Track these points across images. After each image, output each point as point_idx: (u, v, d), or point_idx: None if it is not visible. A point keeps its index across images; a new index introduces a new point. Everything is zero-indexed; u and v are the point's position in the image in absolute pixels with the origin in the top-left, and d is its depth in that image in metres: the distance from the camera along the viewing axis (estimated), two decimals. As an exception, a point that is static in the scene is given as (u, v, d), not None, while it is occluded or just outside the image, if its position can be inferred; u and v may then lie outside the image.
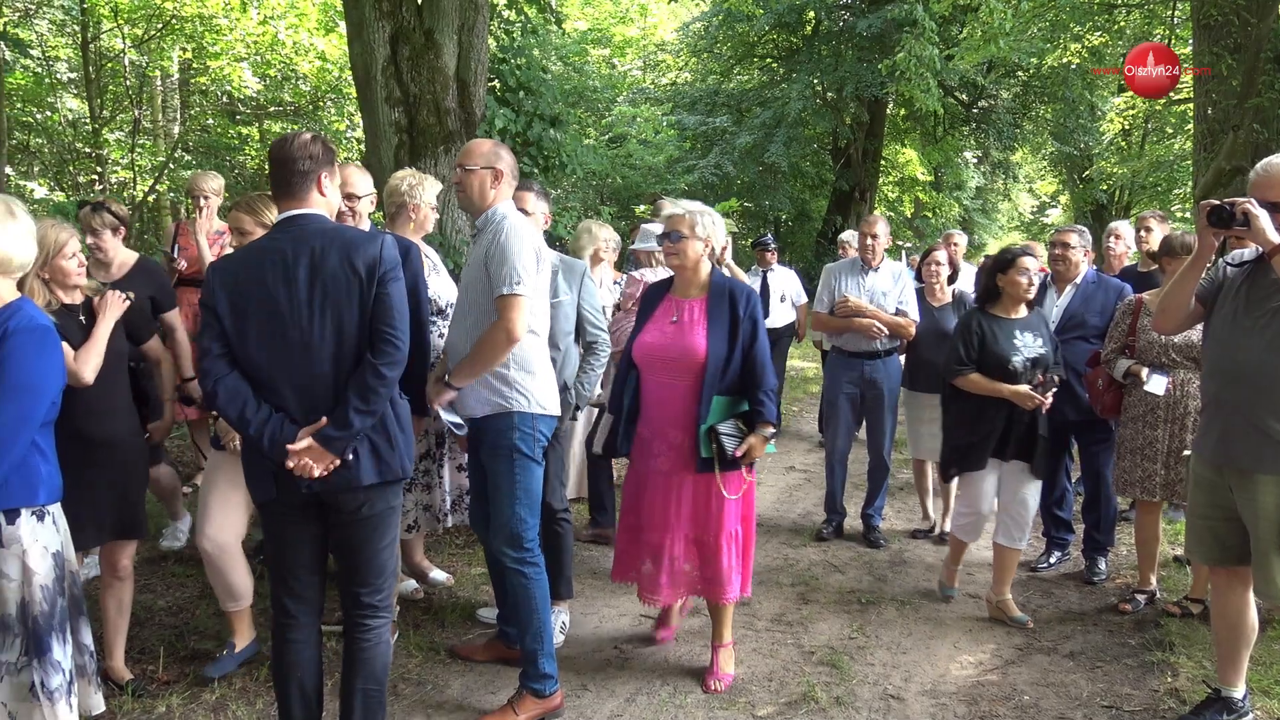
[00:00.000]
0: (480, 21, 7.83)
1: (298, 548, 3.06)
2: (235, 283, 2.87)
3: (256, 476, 3.00)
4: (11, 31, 12.65)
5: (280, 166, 2.95)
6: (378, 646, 3.10)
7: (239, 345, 2.87)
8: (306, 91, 16.74)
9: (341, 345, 2.85)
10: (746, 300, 3.85)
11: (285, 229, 2.91)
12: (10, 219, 2.77)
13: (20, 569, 2.73)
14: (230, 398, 2.86)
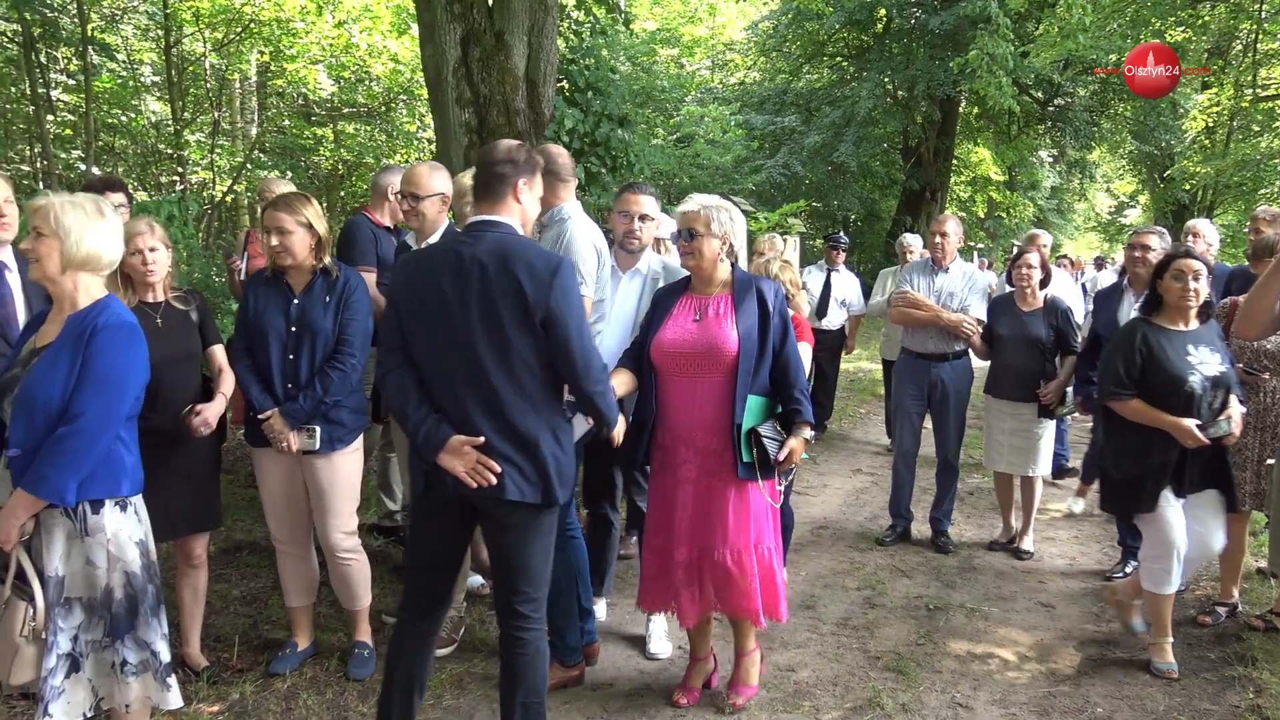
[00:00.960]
0: (550, 23, 7.88)
1: (436, 544, 3.11)
2: (415, 280, 2.94)
3: (413, 470, 3.09)
4: (99, 37, 13.09)
5: (482, 170, 3.01)
6: (535, 658, 3.08)
7: (411, 341, 2.94)
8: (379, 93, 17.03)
9: (503, 358, 2.85)
10: (775, 295, 3.60)
11: (473, 233, 2.95)
12: (100, 218, 2.85)
13: (106, 557, 2.82)
14: (395, 391, 2.95)
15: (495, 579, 3.11)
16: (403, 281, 2.98)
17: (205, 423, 3.64)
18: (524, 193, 3.02)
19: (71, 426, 2.68)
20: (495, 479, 2.88)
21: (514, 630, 3.08)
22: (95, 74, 13.28)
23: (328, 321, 3.75)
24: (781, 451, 3.54)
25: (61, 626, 2.78)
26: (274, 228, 3.70)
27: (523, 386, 2.89)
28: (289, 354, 3.74)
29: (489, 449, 2.88)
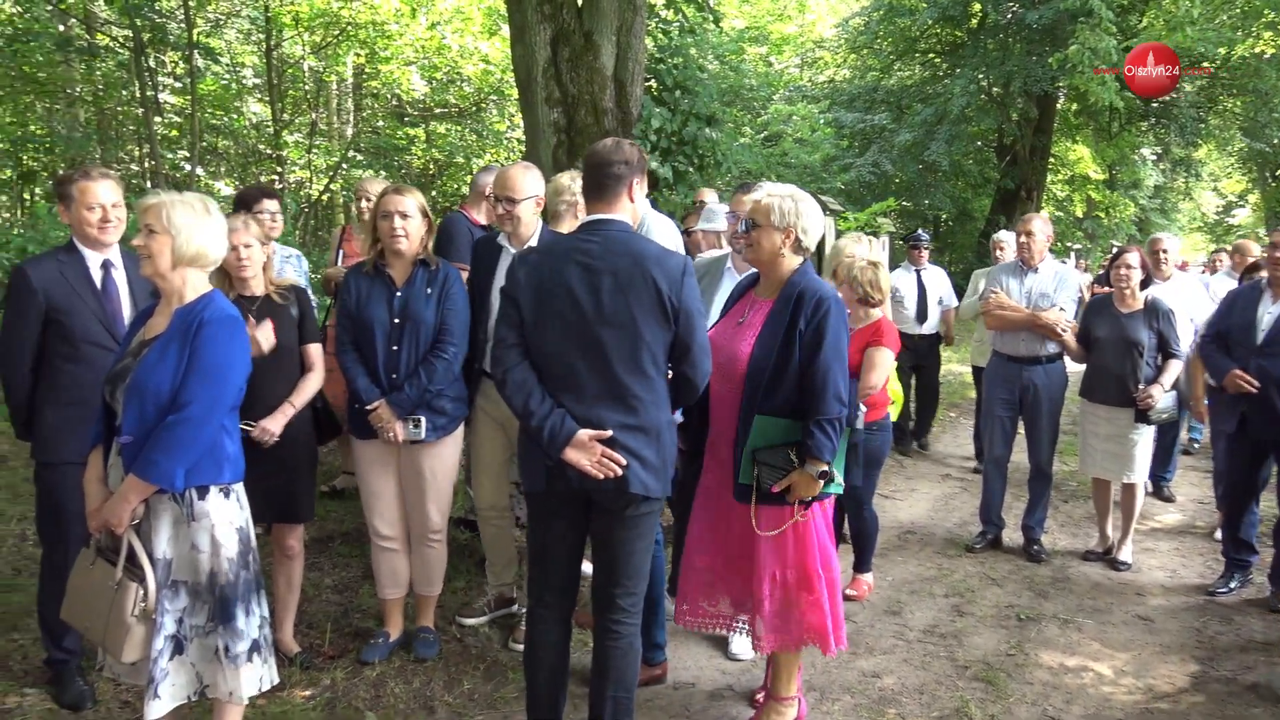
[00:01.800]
0: (638, 22, 7.90)
1: (559, 540, 3.14)
2: (540, 278, 2.97)
3: (530, 467, 3.10)
4: (204, 41, 13.55)
5: (596, 170, 3.03)
6: (629, 653, 3.13)
7: (534, 338, 2.97)
8: (470, 93, 17.30)
9: (632, 353, 2.91)
10: (814, 308, 3.21)
11: (593, 231, 3.00)
12: (208, 216, 2.96)
13: (210, 542, 2.92)
14: (517, 388, 2.97)
15: (598, 573, 3.15)
16: (523, 280, 3.00)
17: (265, 431, 3.72)
18: (636, 191, 3.08)
19: (180, 415, 2.79)
20: (621, 471, 2.93)
21: (611, 624, 3.12)
22: (200, 77, 13.76)
23: (430, 313, 3.84)
24: (779, 483, 3.24)
25: (168, 608, 2.89)
26: (396, 211, 3.80)
27: (649, 380, 2.96)
28: (392, 345, 3.85)
29: (614, 442, 2.94)
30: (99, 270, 3.62)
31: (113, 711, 3.64)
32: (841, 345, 3.23)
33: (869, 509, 4.95)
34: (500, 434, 4.20)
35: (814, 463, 3.20)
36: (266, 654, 3.07)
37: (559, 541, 3.15)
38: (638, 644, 3.19)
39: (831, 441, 3.20)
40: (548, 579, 3.19)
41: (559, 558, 3.17)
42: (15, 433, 3.72)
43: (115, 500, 2.84)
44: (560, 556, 3.17)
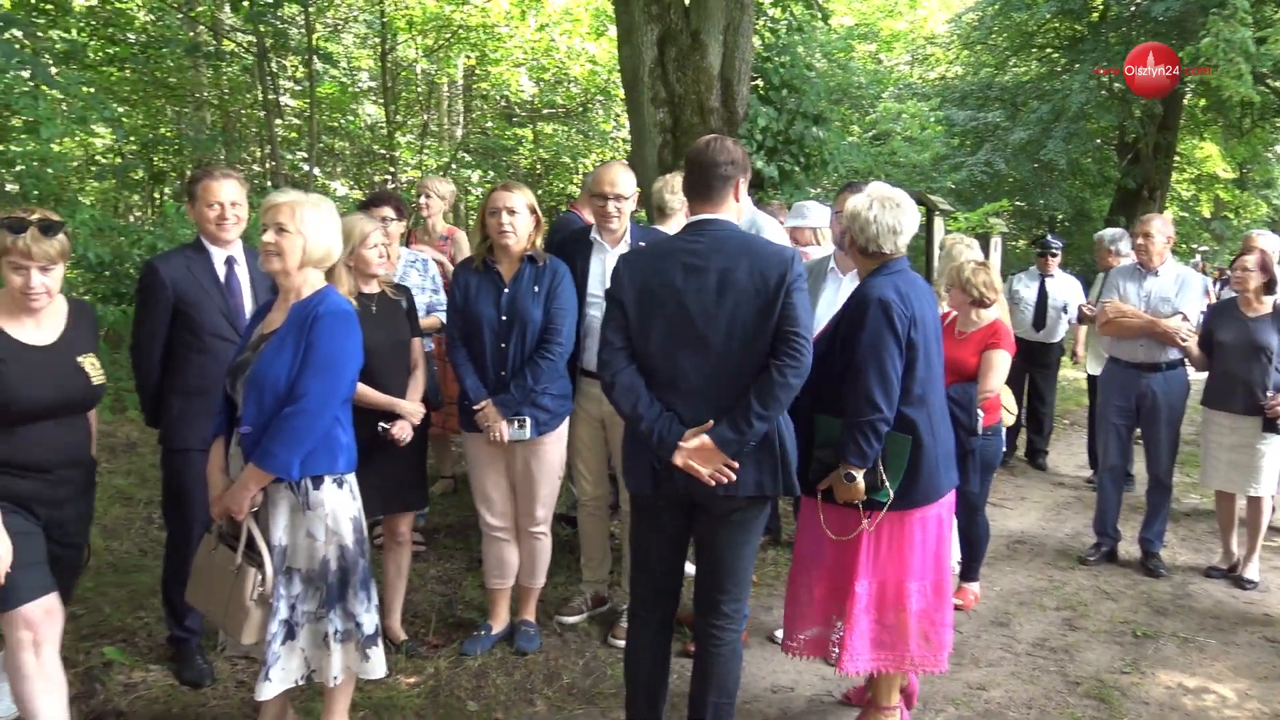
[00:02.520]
0: (746, 21, 7.86)
1: (662, 542, 3.14)
2: (645, 279, 2.96)
3: (636, 470, 3.09)
4: (323, 46, 14.02)
5: (701, 170, 3.00)
6: (731, 659, 3.11)
7: (640, 340, 2.97)
8: (577, 94, 17.47)
9: (742, 353, 2.89)
10: (855, 307, 3.22)
11: (699, 231, 2.99)
12: (333, 218, 3.07)
13: (324, 530, 3.02)
14: (625, 392, 2.97)
15: (701, 576, 3.13)
16: (628, 282, 3.00)
17: (403, 429, 3.88)
18: (741, 191, 3.06)
19: (296, 406, 2.89)
20: (734, 476, 2.90)
21: (713, 628, 3.09)
22: (319, 80, 14.23)
23: (537, 311, 3.89)
24: (824, 481, 3.26)
25: (282, 594, 3.00)
26: (504, 207, 3.86)
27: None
28: (500, 342, 3.91)
29: None
30: (223, 266, 3.77)
31: (229, 690, 3.80)
32: (880, 349, 3.12)
33: (983, 516, 4.82)
34: (599, 430, 4.25)
35: (843, 464, 3.18)
36: (376, 641, 3.15)
37: (662, 544, 3.15)
38: (740, 649, 3.16)
39: (859, 445, 3.12)
40: (650, 580, 3.20)
41: (661, 560, 3.17)
42: (144, 419, 3.91)
43: (235, 488, 2.96)
44: (663, 559, 3.17)
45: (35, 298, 2.89)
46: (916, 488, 3.24)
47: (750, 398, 2.86)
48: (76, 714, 3.57)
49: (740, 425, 2.85)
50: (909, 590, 3.32)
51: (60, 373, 2.98)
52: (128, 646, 4.09)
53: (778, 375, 2.86)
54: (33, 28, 10.62)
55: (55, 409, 2.97)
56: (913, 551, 3.31)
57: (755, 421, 2.85)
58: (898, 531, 3.29)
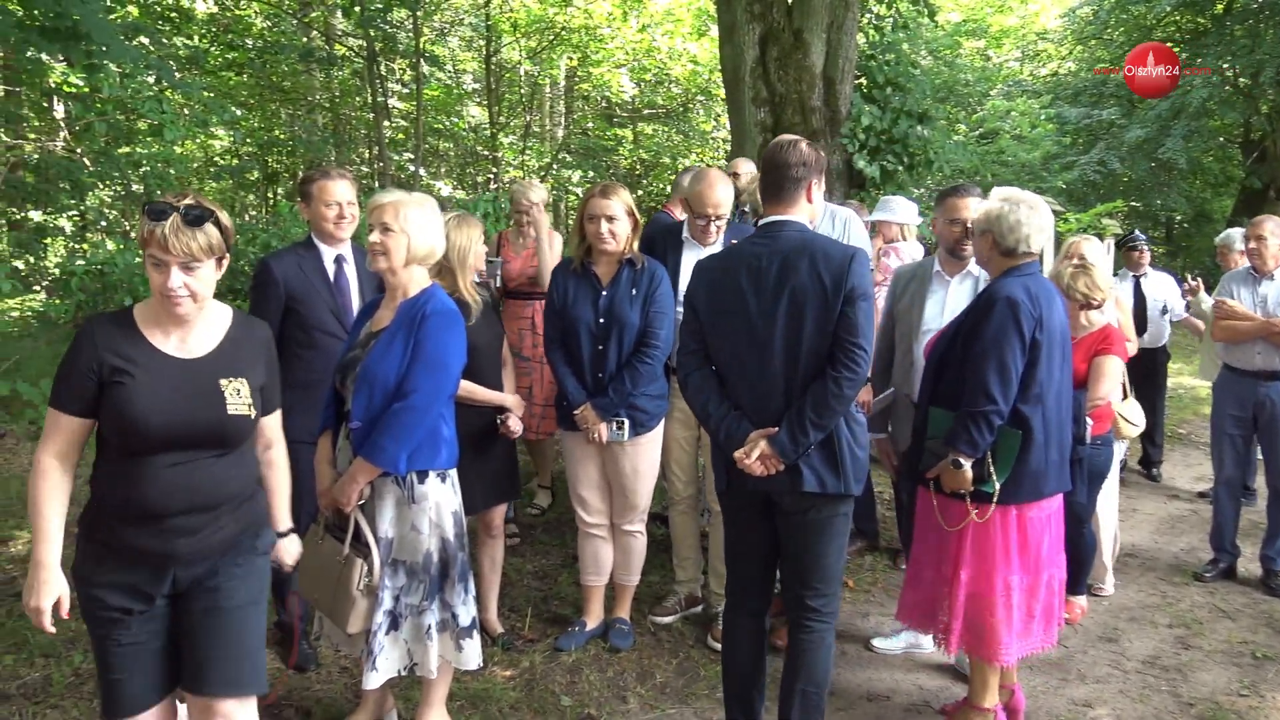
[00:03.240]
0: (850, 19, 7.75)
1: (748, 539, 3.18)
2: (714, 282, 3.03)
3: (716, 468, 3.18)
4: (430, 49, 14.34)
5: (775, 171, 3.03)
6: (819, 649, 3.10)
7: (710, 341, 3.05)
8: (677, 94, 17.50)
9: (798, 354, 2.91)
10: (984, 300, 3.29)
11: (768, 233, 3.02)
12: (436, 217, 3.14)
13: (427, 524, 3.09)
14: (696, 392, 3.07)
15: (787, 574, 3.14)
16: (702, 285, 3.06)
17: (516, 422, 4.00)
18: (815, 192, 3.06)
19: (405, 402, 2.96)
20: (784, 468, 2.93)
21: (803, 619, 3.10)
22: (425, 83, 14.56)
23: (634, 313, 3.90)
24: (933, 469, 3.32)
25: (387, 585, 3.08)
26: (604, 214, 3.87)
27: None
28: (598, 344, 3.93)
29: None
30: (332, 264, 3.89)
31: (332, 675, 3.91)
32: (1003, 343, 3.15)
33: (1089, 528, 4.66)
34: (693, 430, 4.26)
35: (952, 451, 3.23)
36: (471, 633, 3.21)
37: (747, 541, 3.18)
38: (831, 641, 3.14)
39: (969, 434, 3.19)
40: (740, 577, 3.23)
41: (749, 557, 3.19)
42: (256, 412, 4.05)
43: (344, 481, 3.05)
44: (750, 555, 3.19)
45: (177, 300, 2.37)
46: (1022, 485, 3.28)
47: (806, 406, 2.88)
48: (190, 692, 3.73)
49: (796, 434, 2.89)
50: (1010, 584, 3.35)
51: (195, 392, 2.43)
52: (238, 629, 4.24)
53: (833, 385, 2.87)
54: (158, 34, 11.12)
55: (179, 437, 2.40)
56: (1011, 547, 3.34)
57: (811, 431, 2.88)
58: (999, 526, 3.33)
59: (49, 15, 7.28)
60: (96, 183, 10.52)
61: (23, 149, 10.89)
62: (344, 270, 3.92)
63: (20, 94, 11.96)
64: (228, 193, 15.92)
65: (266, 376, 2.61)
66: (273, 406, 2.70)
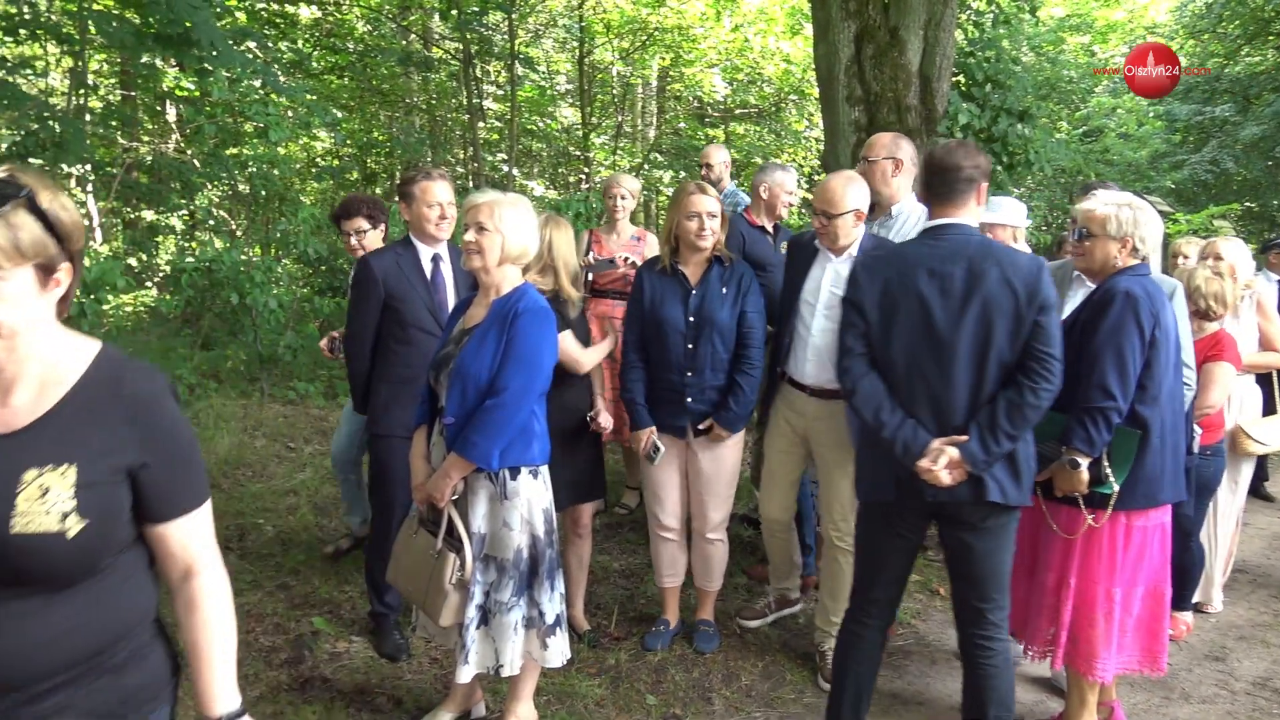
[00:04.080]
0: (948, 15, 7.58)
1: (891, 552, 3.11)
2: (887, 283, 2.94)
3: (875, 477, 3.08)
4: (524, 51, 14.52)
5: (944, 173, 2.98)
6: (1005, 669, 3.05)
7: (881, 346, 2.96)
8: (770, 94, 17.37)
9: (986, 362, 2.85)
10: (1102, 295, 3.14)
11: (940, 235, 2.97)
12: (530, 217, 3.18)
13: (519, 520, 3.13)
14: (866, 399, 2.96)
15: (963, 590, 3.05)
16: (874, 286, 2.97)
17: (606, 418, 4.02)
18: (983, 195, 3.02)
19: (497, 399, 3.00)
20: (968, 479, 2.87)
21: (981, 640, 3.02)
22: (519, 84, 14.74)
23: (725, 312, 3.89)
24: (1043, 473, 3.18)
25: (479, 580, 3.13)
26: (703, 212, 3.87)
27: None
28: (688, 344, 3.92)
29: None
30: (429, 263, 3.97)
31: (423, 666, 3.99)
32: (1121, 338, 3.05)
33: (1196, 541, 4.47)
34: (798, 447, 4.04)
35: (1069, 451, 3.13)
36: (556, 630, 3.24)
37: (895, 553, 3.10)
38: (1010, 656, 3.07)
39: (1087, 431, 3.09)
40: (876, 589, 3.15)
41: (892, 569, 3.13)
42: (354, 405, 4.16)
43: (438, 476, 3.10)
44: (893, 568, 3.13)
45: None
46: (1135, 491, 3.18)
47: (1000, 416, 2.81)
48: (287, 677, 3.84)
49: (989, 444, 2.82)
50: (1113, 596, 3.25)
51: None
52: (333, 618, 4.36)
53: (1030, 396, 2.81)
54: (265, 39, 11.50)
55: None
56: (1117, 556, 3.24)
57: (1004, 441, 2.82)
58: (1106, 533, 3.23)
59: (163, 23, 7.59)
60: (205, 183, 10.92)
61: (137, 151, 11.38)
62: (440, 269, 4.00)
63: (136, 98, 12.50)
64: (328, 193, 16.36)
65: (145, 456, 1.62)
66: (175, 506, 1.68)
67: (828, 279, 3.81)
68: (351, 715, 3.61)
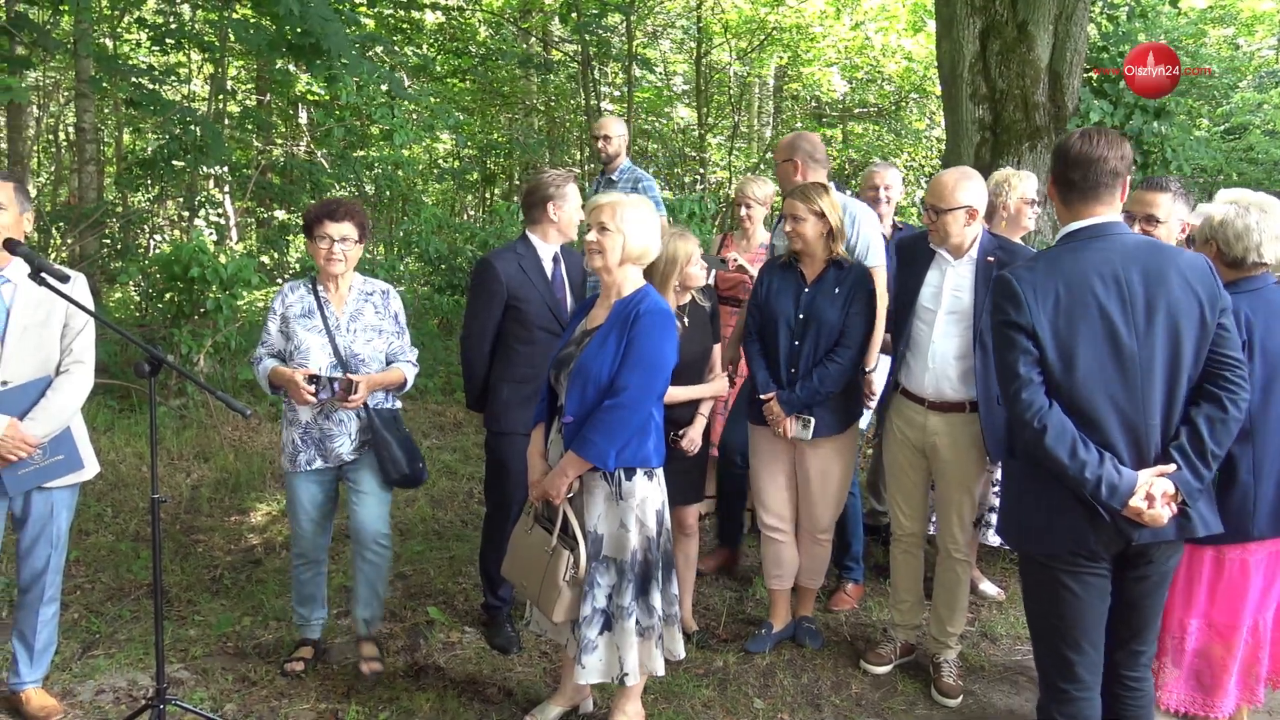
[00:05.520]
0: (1081, 9, 7.31)
1: (1096, 606, 2.68)
2: (1059, 297, 2.56)
3: (1068, 524, 2.62)
4: (641, 53, 14.61)
5: (1088, 166, 2.63)
6: (1149, 706, 2.86)
7: (1063, 371, 2.57)
8: (890, 92, 17.06)
9: (1178, 377, 2.56)
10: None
11: (1100, 238, 2.62)
12: (652, 218, 3.20)
13: (634, 521, 3.15)
14: (1059, 437, 2.53)
15: (1121, 632, 2.77)
16: (1039, 300, 2.57)
17: (691, 442, 3.96)
18: (1126, 190, 2.73)
19: (616, 400, 3.03)
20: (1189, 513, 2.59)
21: (1133, 681, 2.81)
22: (636, 85, 14.84)
23: (833, 313, 3.85)
24: None
25: (599, 583, 3.15)
26: (790, 215, 3.88)
27: None
28: (795, 340, 3.90)
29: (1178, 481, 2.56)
30: (550, 263, 4.02)
31: (533, 659, 4.05)
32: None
33: None
34: (922, 460, 3.89)
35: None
36: (677, 632, 3.25)
37: (1096, 608, 2.69)
38: (1153, 691, 2.89)
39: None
40: (1089, 655, 2.71)
41: (1096, 625, 2.71)
42: (466, 403, 4.24)
43: (555, 474, 3.15)
44: (1097, 624, 2.71)
45: None
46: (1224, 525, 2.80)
47: (1205, 437, 2.53)
48: (403, 664, 3.96)
49: (1200, 470, 2.54)
50: (1186, 628, 3.06)
51: None
52: (447, 608, 4.47)
53: (1233, 408, 2.55)
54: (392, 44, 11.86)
55: None
56: (1198, 588, 3.03)
57: (1212, 461, 2.55)
58: (1184, 565, 2.97)
59: (296, 33, 7.92)
60: (334, 183, 11.33)
61: (271, 153, 11.88)
62: (560, 268, 4.06)
63: (270, 102, 13.05)
64: (449, 193, 16.77)
65: None
66: None
67: (949, 284, 3.70)
68: (463, 704, 3.69)
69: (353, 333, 3.73)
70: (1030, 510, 2.73)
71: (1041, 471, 2.62)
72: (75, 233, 8.88)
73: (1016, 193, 4.29)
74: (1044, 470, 2.61)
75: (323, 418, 3.71)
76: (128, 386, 6.87)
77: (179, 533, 5.24)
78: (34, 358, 3.29)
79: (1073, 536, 2.61)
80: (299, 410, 3.70)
